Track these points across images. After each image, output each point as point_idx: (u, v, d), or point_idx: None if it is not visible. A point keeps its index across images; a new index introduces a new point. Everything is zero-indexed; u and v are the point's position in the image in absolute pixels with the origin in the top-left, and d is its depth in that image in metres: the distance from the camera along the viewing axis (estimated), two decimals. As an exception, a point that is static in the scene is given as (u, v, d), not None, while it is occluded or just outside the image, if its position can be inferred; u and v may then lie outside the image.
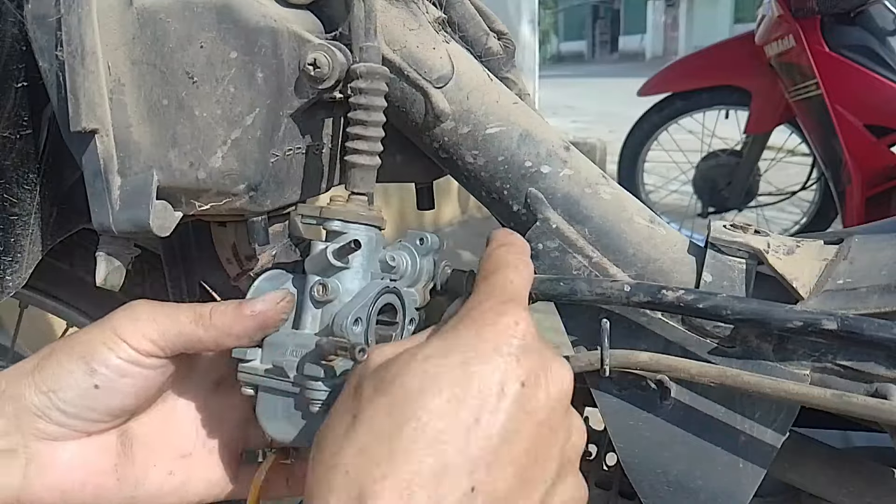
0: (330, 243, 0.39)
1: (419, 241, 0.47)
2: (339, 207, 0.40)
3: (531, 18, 3.79)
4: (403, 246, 0.46)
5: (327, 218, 0.40)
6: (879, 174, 2.09)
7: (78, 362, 0.38)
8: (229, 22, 0.39)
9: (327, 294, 0.39)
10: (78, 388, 0.38)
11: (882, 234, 0.50)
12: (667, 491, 0.50)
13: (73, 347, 0.38)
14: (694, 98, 2.75)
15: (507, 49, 0.57)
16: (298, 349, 0.38)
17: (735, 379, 0.45)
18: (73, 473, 0.39)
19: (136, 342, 0.38)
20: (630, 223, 0.51)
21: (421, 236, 0.47)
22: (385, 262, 0.44)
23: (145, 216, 0.39)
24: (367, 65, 0.41)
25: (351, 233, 0.40)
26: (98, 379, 0.38)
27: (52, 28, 0.38)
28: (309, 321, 0.40)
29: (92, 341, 0.38)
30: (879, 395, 0.46)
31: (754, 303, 0.43)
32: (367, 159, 0.42)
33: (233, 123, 0.40)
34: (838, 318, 0.41)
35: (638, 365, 0.48)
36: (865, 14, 2.10)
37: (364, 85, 0.41)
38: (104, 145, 0.39)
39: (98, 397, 0.38)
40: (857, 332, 0.41)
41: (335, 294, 0.39)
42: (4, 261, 0.44)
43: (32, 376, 0.38)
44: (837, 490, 0.53)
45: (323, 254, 0.39)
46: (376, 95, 0.41)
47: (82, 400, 0.38)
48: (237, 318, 0.39)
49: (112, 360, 0.38)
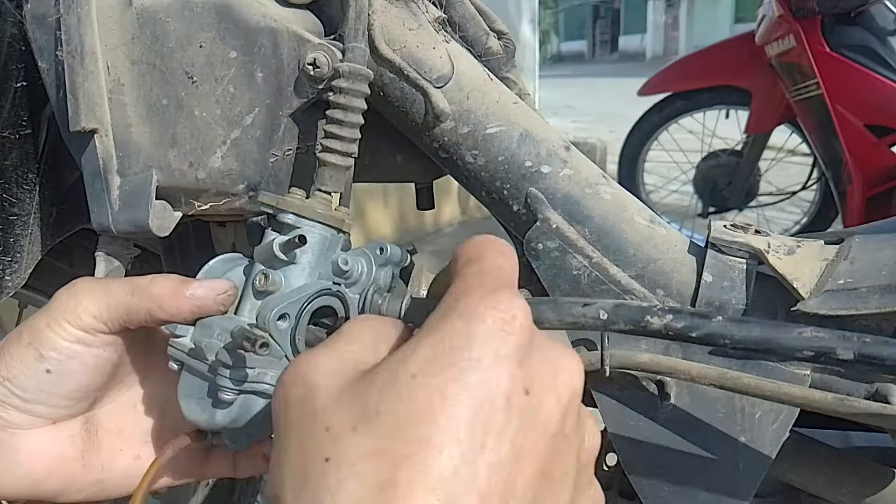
0: (279, 235, 0.38)
1: (379, 251, 0.45)
2: (297, 201, 0.39)
3: (531, 18, 3.79)
4: (362, 252, 0.45)
5: (282, 210, 0.38)
6: (880, 174, 2.09)
7: (27, 349, 0.37)
8: (229, 22, 0.39)
9: (267, 285, 0.37)
10: (31, 374, 0.37)
11: (883, 234, 0.50)
12: (667, 491, 0.50)
13: (21, 335, 0.38)
14: (694, 98, 2.75)
15: (508, 49, 0.57)
16: (224, 334, 0.37)
17: (736, 381, 0.45)
18: (40, 461, 0.39)
19: (78, 320, 0.37)
20: (630, 223, 0.51)
21: (382, 245, 0.45)
22: (337, 265, 0.42)
23: (144, 216, 0.39)
24: (350, 65, 0.40)
25: (304, 228, 0.39)
26: (48, 364, 0.37)
27: (51, 28, 0.38)
28: (248, 309, 0.38)
29: (37, 326, 0.38)
30: (880, 395, 0.46)
31: (756, 327, 0.38)
32: (339, 159, 0.41)
33: (232, 123, 0.40)
34: (855, 346, 0.36)
35: (638, 366, 0.48)
36: (866, 14, 2.10)
37: (346, 85, 0.40)
38: (103, 145, 0.39)
39: (53, 381, 0.38)
40: (877, 357, 0.37)
41: (276, 287, 0.38)
42: (4, 260, 0.44)
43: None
44: (837, 490, 0.53)
45: (270, 244, 0.37)
46: (356, 97, 0.41)
47: (38, 385, 0.38)
48: (174, 295, 0.38)
49: (58, 342, 0.37)
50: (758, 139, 2.65)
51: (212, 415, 0.38)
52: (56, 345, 0.37)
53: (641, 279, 0.50)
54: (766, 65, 2.40)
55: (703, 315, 0.39)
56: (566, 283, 0.50)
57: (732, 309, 0.48)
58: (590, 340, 0.51)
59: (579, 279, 0.50)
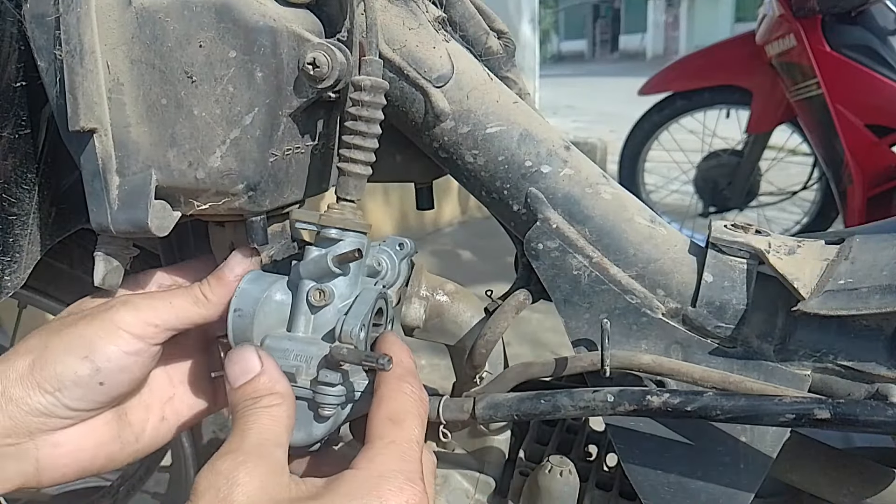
0: (328, 250, 0.41)
1: (399, 247, 0.50)
2: (336, 215, 0.41)
3: (531, 17, 3.79)
4: (383, 250, 0.49)
5: (325, 225, 0.41)
6: (881, 174, 2.09)
7: (82, 361, 0.39)
8: (228, 21, 0.39)
9: (325, 299, 0.40)
10: (84, 385, 0.39)
11: (883, 234, 0.50)
12: (667, 492, 0.50)
13: (71, 344, 0.39)
14: (695, 97, 2.75)
15: (508, 48, 0.57)
16: (301, 356, 0.40)
17: (738, 385, 0.45)
18: (81, 452, 0.42)
19: (140, 330, 0.40)
20: (631, 223, 0.51)
21: (401, 242, 0.50)
22: (372, 267, 0.46)
23: (144, 216, 0.39)
24: (371, 79, 0.41)
25: (347, 241, 0.41)
26: (102, 375, 0.39)
27: (50, 27, 0.38)
28: (302, 325, 0.41)
29: (92, 336, 0.39)
30: (880, 396, 0.46)
31: (742, 399, 0.43)
32: (361, 168, 0.43)
33: (231, 123, 0.40)
34: (830, 406, 0.41)
35: (640, 367, 0.48)
36: (866, 13, 2.10)
37: (367, 98, 0.42)
38: (102, 145, 0.39)
39: (103, 390, 0.40)
40: (852, 417, 0.41)
41: (331, 300, 0.40)
42: (3, 261, 0.44)
43: (32, 376, 0.39)
44: (838, 490, 0.53)
45: (323, 260, 0.40)
46: (376, 108, 0.42)
47: (87, 394, 0.40)
48: (227, 287, 0.42)
49: (115, 353, 0.40)
50: (758, 139, 2.65)
51: (309, 432, 0.41)
52: (112, 356, 0.40)
53: (642, 279, 0.50)
54: (766, 64, 2.40)
55: (695, 393, 0.44)
56: (566, 283, 0.50)
57: (733, 309, 0.48)
58: (590, 340, 0.51)
59: (579, 279, 0.50)
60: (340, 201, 0.43)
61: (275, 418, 0.37)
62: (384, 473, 0.34)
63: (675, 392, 0.44)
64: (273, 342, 0.40)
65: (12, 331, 0.85)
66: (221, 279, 0.43)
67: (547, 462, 0.59)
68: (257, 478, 0.33)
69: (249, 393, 0.38)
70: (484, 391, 0.53)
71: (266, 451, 0.35)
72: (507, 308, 0.52)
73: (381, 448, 0.36)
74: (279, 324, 0.41)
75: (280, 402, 0.38)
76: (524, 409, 0.48)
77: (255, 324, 0.41)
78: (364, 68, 0.42)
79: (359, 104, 0.42)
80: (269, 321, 0.41)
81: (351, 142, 0.42)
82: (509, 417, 0.49)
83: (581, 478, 0.60)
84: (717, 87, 2.68)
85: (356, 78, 0.41)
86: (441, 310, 0.54)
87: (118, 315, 0.40)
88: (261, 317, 0.41)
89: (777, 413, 0.42)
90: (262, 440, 0.36)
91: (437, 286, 0.55)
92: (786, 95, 2.36)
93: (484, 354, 0.52)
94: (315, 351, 0.40)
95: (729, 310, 0.48)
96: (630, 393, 0.45)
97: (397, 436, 0.36)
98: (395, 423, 0.37)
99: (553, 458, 0.60)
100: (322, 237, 0.41)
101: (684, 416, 0.44)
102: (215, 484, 0.33)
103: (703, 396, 0.44)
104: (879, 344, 0.46)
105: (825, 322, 0.46)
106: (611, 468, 0.67)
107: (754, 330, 0.48)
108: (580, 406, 0.46)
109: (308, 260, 0.41)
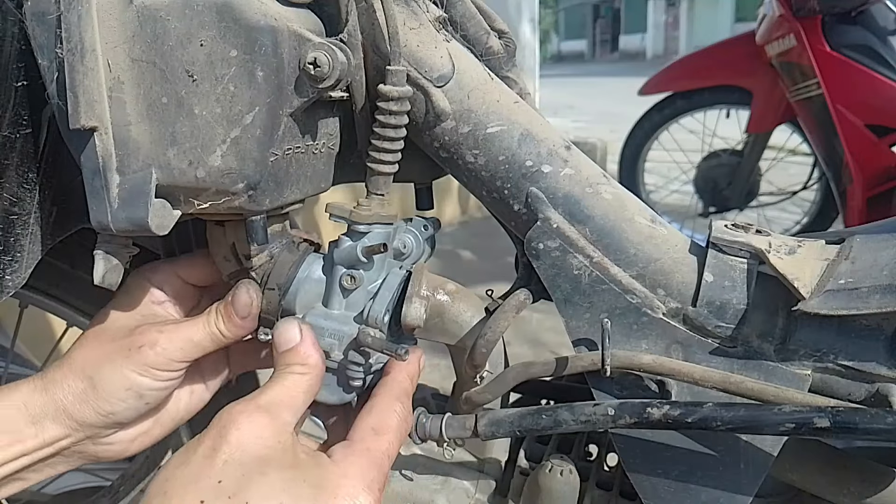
0: (358, 242, 0.46)
1: (423, 227, 0.57)
2: (365, 212, 0.47)
3: (532, 17, 3.79)
4: (409, 230, 0.55)
5: (355, 221, 0.46)
6: (881, 174, 2.09)
7: (129, 393, 0.46)
8: (229, 20, 0.39)
9: (355, 283, 0.47)
10: (133, 410, 0.47)
11: (883, 234, 0.50)
12: (668, 491, 0.50)
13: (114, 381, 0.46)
14: (695, 97, 2.75)
15: (508, 48, 0.57)
16: (335, 333, 0.47)
17: (739, 385, 0.45)
18: (129, 444, 0.50)
19: (167, 365, 0.47)
20: (631, 223, 0.51)
21: (425, 223, 0.57)
22: (398, 250, 0.53)
23: (144, 215, 0.39)
24: (398, 89, 0.46)
25: (374, 233, 0.47)
26: (145, 399, 0.47)
27: (51, 25, 0.38)
28: (336, 303, 0.48)
29: (130, 374, 0.46)
30: (881, 396, 0.46)
31: (742, 410, 0.43)
32: (388, 167, 0.48)
33: (232, 122, 0.40)
34: (829, 415, 0.41)
35: (641, 367, 0.48)
36: (866, 13, 2.10)
37: (395, 108, 0.46)
38: (103, 143, 0.39)
39: (146, 405, 0.48)
40: (851, 425, 0.41)
41: (361, 284, 0.47)
42: (4, 260, 0.44)
43: (90, 400, 0.46)
44: (838, 490, 0.53)
45: (353, 250, 0.46)
46: (401, 115, 0.47)
47: (135, 413, 0.47)
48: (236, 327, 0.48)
49: (152, 384, 0.47)
50: (758, 139, 2.64)
51: (341, 396, 0.48)
52: (154, 387, 0.47)
53: (642, 279, 0.50)
54: (766, 64, 2.40)
55: (695, 404, 0.45)
56: (567, 283, 0.50)
57: (733, 309, 0.48)
58: (590, 340, 0.51)
59: (580, 279, 0.50)
60: (370, 195, 0.48)
61: (296, 384, 0.42)
62: (349, 474, 0.38)
63: (675, 404, 0.45)
64: (313, 319, 0.47)
65: (13, 331, 0.85)
66: (231, 319, 0.48)
67: (547, 462, 0.59)
68: (257, 427, 0.38)
69: (286, 359, 0.43)
70: (484, 391, 0.53)
71: (275, 409, 0.40)
72: (507, 308, 0.52)
73: (356, 450, 0.40)
74: (316, 297, 0.48)
75: (306, 372, 0.43)
76: (526, 424, 0.50)
77: (297, 300, 0.48)
78: (390, 78, 0.46)
79: (386, 113, 0.46)
80: (308, 297, 0.48)
81: (380, 146, 0.47)
82: (511, 433, 0.51)
83: (581, 477, 0.60)
84: (717, 87, 2.68)
85: (384, 88, 0.46)
86: (442, 309, 0.54)
87: (150, 359, 0.46)
88: (302, 294, 0.48)
89: (777, 423, 0.42)
90: (277, 400, 0.41)
91: (438, 286, 0.55)
92: (786, 95, 2.36)
93: (484, 354, 0.51)
94: (347, 331, 0.46)
95: (729, 309, 0.48)
96: (630, 406, 0.46)
97: (374, 445, 0.41)
98: (377, 434, 0.42)
99: (553, 458, 0.60)
100: (352, 230, 0.47)
101: (685, 427, 0.45)
102: (221, 421, 0.38)
103: (702, 408, 0.44)
104: (880, 344, 0.46)
105: (825, 322, 0.46)
106: (611, 468, 0.67)
107: (755, 330, 0.48)
108: (581, 420, 0.48)
109: (341, 248, 0.47)
